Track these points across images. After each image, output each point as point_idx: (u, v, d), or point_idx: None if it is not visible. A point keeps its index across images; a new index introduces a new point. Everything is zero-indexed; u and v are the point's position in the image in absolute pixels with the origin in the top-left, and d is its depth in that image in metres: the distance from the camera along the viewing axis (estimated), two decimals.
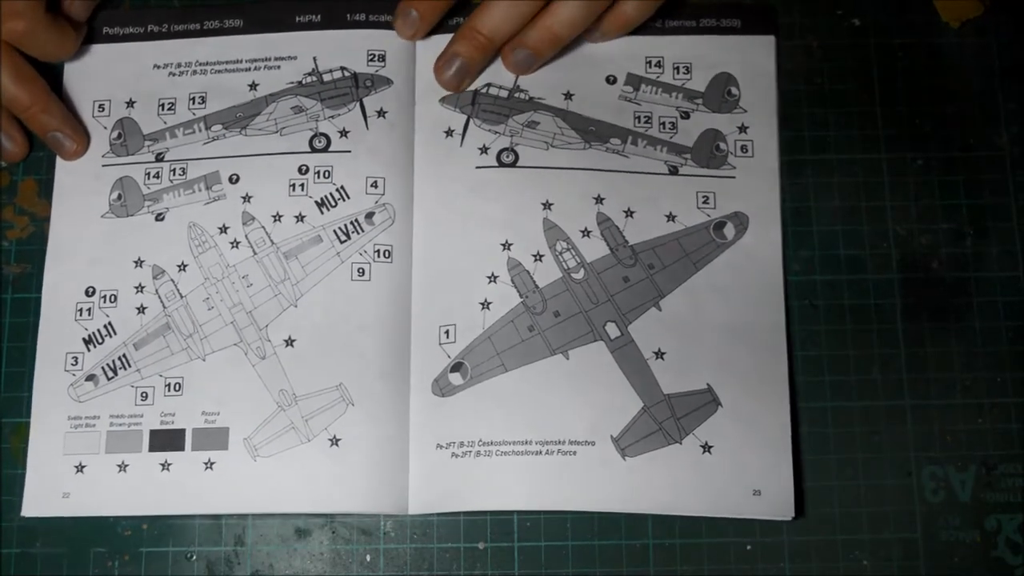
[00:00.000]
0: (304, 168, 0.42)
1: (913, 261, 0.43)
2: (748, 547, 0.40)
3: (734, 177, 0.43)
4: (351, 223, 0.42)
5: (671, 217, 0.42)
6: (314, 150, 0.43)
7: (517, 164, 0.42)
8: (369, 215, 0.42)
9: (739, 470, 0.39)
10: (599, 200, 0.42)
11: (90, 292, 0.42)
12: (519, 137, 0.43)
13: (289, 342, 0.41)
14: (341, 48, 0.44)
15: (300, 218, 0.42)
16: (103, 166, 0.43)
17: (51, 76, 0.43)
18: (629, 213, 0.42)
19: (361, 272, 0.41)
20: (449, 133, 0.43)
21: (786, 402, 0.40)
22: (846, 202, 0.44)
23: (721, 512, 0.39)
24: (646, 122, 0.43)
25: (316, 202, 0.42)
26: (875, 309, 0.42)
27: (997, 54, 0.45)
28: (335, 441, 0.40)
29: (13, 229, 0.44)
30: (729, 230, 0.42)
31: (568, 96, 0.43)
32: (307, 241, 0.42)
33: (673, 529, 0.40)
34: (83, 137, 0.43)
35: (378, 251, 0.42)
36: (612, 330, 0.41)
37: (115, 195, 0.43)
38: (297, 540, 0.41)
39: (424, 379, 0.40)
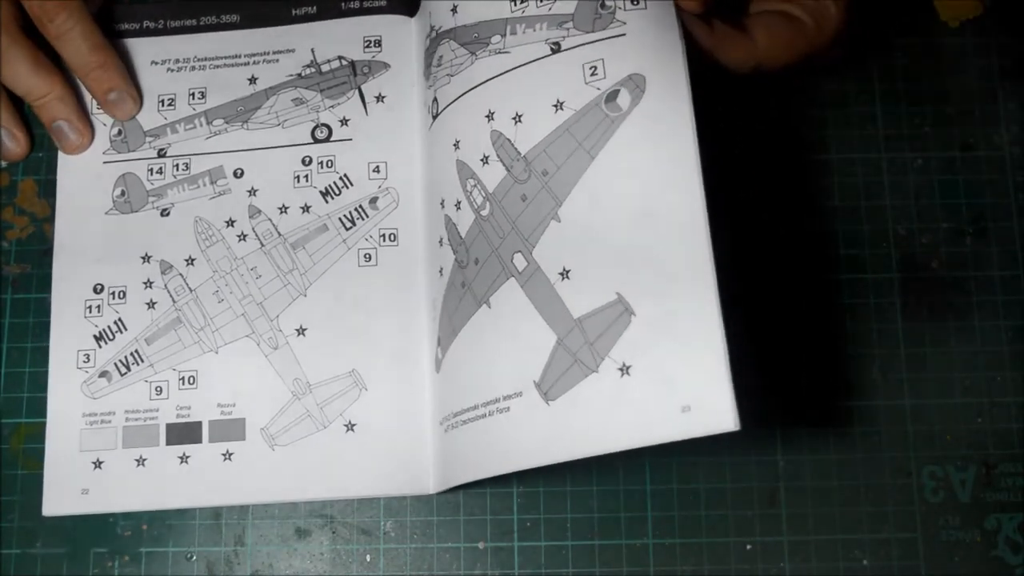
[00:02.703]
0: (307, 159, 0.43)
1: (913, 261, 0.43)
2: (748, 547, 0.40)
3: (624, 35, 0.36)
4: (356, 210, 0.42)
5: (559, 106, 0.36)
6: (316, 141, 0.43)
7: (439, 113, 0.40)
8: (373, 200, 0.42)
9: (663, 387, 0.32)
10: (490, 117, 0.37)
11: (98, 289, 0.42)
12: (435, 81, 0.40)
13: (300, 331, 0.41)
14: (337, 37, 0.44)
15: (306, 209, 0.42)
16: (104, 163, 0.43)
17: None
18: (517, 118, 0.37)
19: (368, 257, 0.42)
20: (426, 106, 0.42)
21: (711, 295, 0.32)
22: (846, 202, 0.44)
23: (649, 439, 0.32)
24: (522, 1, 0.38)
25: (321, 192, 0.42)
26: (875, 309, 0.42)
27: (997, 54, 0.45)
28: (351, 426, 0.40)
29: (13, 230, 0.44)
30: (624, 98, 0.35)
31: (454, 11, 0.40)
32: (313, 231, 0.42)
33: (673, 529, 0.40)
34: (89, 131, 0.43)
35: (383, 235, 0.42)
36: (519, 261, 0.36)
37: (118, 192, 0.43)
38: (297, 540, 0.41)
39: (431, 357, 0.40)
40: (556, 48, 0.37)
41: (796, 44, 0.39)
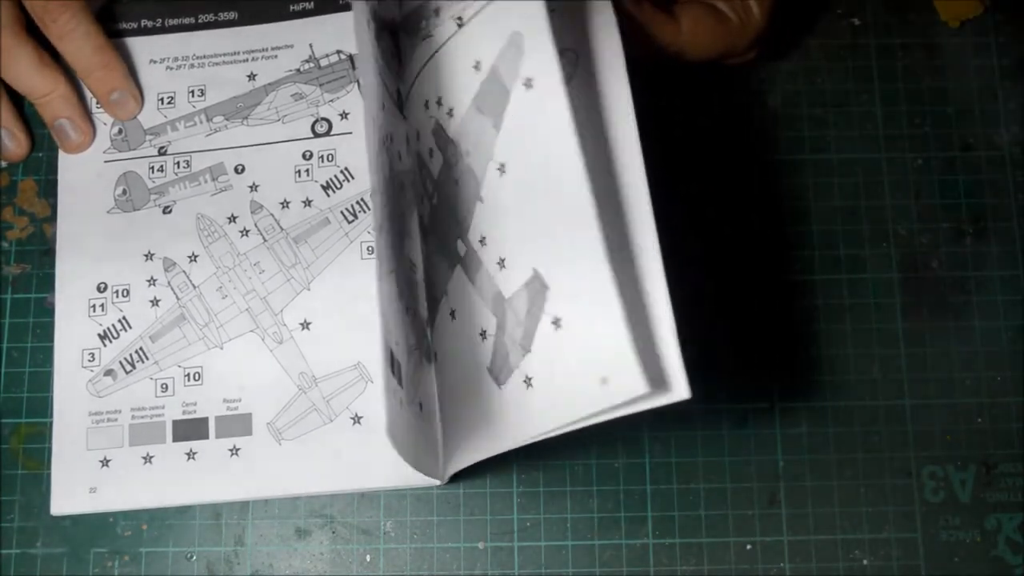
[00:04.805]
0: (308, 154, 0.43)
1: (913, 261, 0.43)
2: (748, 547, 0.40)
3: (554, 11, 0.33)
4: (357, 203, 0.42)
5: (470, 81, 0.35)
6: (316, 135, 0.43)
7: (404, 106, 0.41)
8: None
9: (581, 359, 0.31)
10: (426, 105, 0.37)
11: (102, 288, 0.42)
12: (396, 72, 0.40)
13: (305, 325, 0.41)
14: (335, 32, 0.44)
15: (307, 203, 0.42)
16: (105, 162, 0.43)
17: None
18: (442, 102, 0.36)
19: (371, 250, 0.41)
20: None
21: (602, 259, 0.30)
22: (846, 202, 0.44)
23: (575, 416, 0.30)
24: None
25: (322, 185, 0.42)
26: (875, 309, 0.42)
27: (997, 54, 0.45)
28: (357, 419, 0.40)
29: (13, 230, 0.44)
30: (509, 65, 0.34)
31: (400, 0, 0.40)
32: (315, 224, 0.42)
33: (673, 529, 0.40)
34: (90, 130, 0.43)
35: None
36: (460, 247, 0.36)
37: (120, 190, 0.43)
38: (297, 540, 0.41)
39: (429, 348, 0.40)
40: (460, 23, 0.36)
41: (719, 38, 0.41)
